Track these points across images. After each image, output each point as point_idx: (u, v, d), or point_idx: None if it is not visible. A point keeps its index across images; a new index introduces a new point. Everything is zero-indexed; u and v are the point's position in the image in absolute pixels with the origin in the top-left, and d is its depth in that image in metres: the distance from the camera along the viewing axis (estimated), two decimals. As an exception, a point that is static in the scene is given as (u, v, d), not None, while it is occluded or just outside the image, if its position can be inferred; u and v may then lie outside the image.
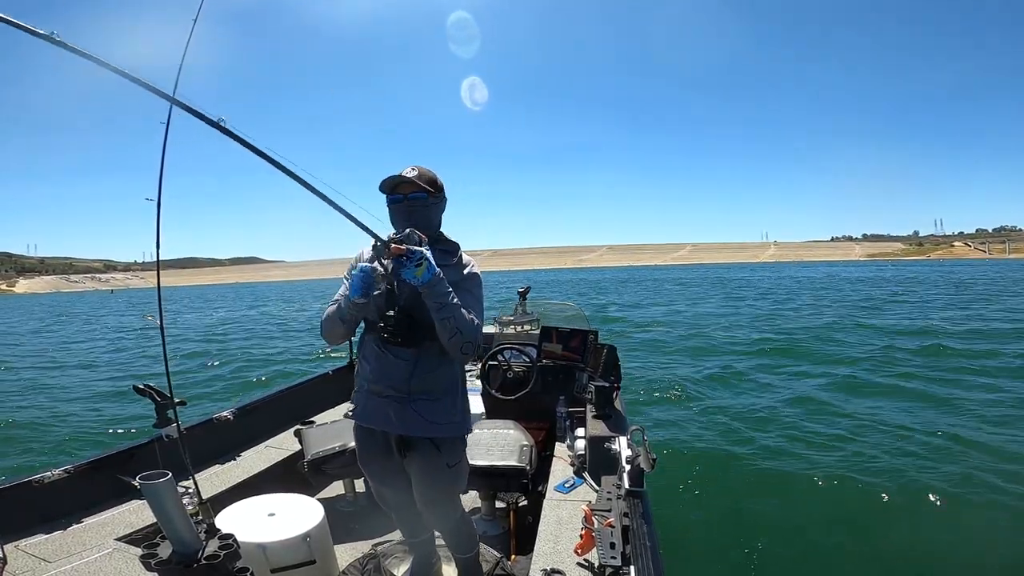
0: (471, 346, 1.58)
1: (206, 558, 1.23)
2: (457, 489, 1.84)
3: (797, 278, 43.32)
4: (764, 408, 6.46)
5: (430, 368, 1.65)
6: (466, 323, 1.55)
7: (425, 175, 1.66)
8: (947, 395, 6.72)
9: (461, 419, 1.75)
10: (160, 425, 2.48)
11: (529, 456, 2.44)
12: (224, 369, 10.78)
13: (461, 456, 1.78)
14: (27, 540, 1.94)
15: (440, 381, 1.68)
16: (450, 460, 1.72)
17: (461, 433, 1.76)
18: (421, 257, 1.45)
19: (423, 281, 1.46)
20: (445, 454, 1.70)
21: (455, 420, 1.72)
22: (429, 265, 1.46)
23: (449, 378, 1.71)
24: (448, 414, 1.69)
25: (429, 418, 1.66)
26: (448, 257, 1.68)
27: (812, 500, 4.06)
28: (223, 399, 4.62)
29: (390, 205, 1.67)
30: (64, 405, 7.96)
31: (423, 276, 1.45)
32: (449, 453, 1.72)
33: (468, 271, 1.69)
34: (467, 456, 1.83)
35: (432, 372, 1.66)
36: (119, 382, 9.28)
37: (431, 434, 1.67)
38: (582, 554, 1.78)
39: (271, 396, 3.34)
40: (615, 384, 2.91)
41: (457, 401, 1.73)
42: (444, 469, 1.71)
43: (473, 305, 1.61)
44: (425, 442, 1.68)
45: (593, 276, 70.28)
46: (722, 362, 9.39)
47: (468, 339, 1.56)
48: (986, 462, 4.50)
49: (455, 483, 1.80)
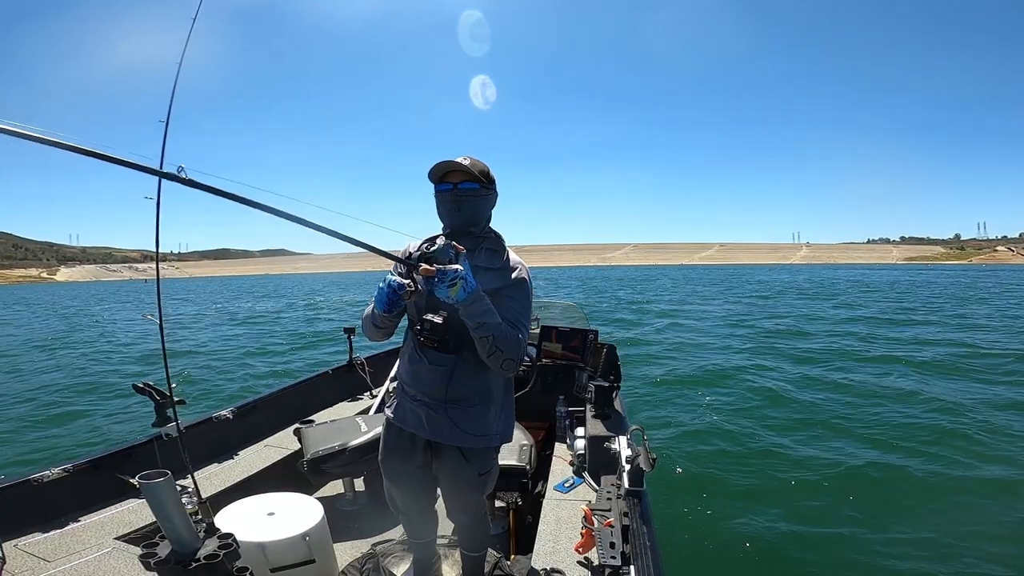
0: (512, 363, 1.45)
1: (205, 557, 1.23)
2: (485, 493, 1.77)
3: (821, 280, 42.79)
4: (765, 408, 6.46)
5: (467, 377, 1.55)
6: (507, 339, 1.42)
7: (478, 165, 1.54)
8: (956, 394, 6.73)
9: (497, 431, 1.65)
10: (159, 424, 2.48)
11: (529, 456, 2.44)
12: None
13: (492, 464, 1.71)
14: (26, 539, 1.93)
15: (477, 391, 1.58)
16: (481, 469, 1.65)
17: (493, 444, 1.66)
18: (455, 276, 1.32)
19: (459, 300, 1.35)
20: (474, 463, 1.63)
21: (488, 432, 1.62)
22: (465, 284, 1.33)
23: (487, 388, 1.60)
24: (481, 424, 1.60)
25: (461, 427, 1.57)
26: (494, 258, 1.57)
27: (812, 500, 4.06)
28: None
29: (438, 194, 1.56)
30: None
31: (457, 296, 1.33)
32: (479, 463, 1.64)
33: (516, 276, 1.55)
34: (498, 459, 1.76)
35: (469, 381, 1.56)
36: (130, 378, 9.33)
37: (460, 443, 1.59)
38: (582, 553, 1.78)
39: (270, 395, 3.33)
40: (615, 384, 2.91)
41: (492, 411, 1.63)
42: (474, 478, 1.65)
43: (518, 315, 1.49)
44: (453, 450, 1.61)
45: (618, 273, 70.12)
46: (722, 362, 9.39)
47: (509, 356, 1.43)
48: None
49: (484, 489, 1.74)
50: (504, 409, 1.68)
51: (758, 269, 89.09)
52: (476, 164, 1.55)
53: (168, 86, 2.06)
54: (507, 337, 1.43)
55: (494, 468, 1.73)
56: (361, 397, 3.73)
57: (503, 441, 1.69)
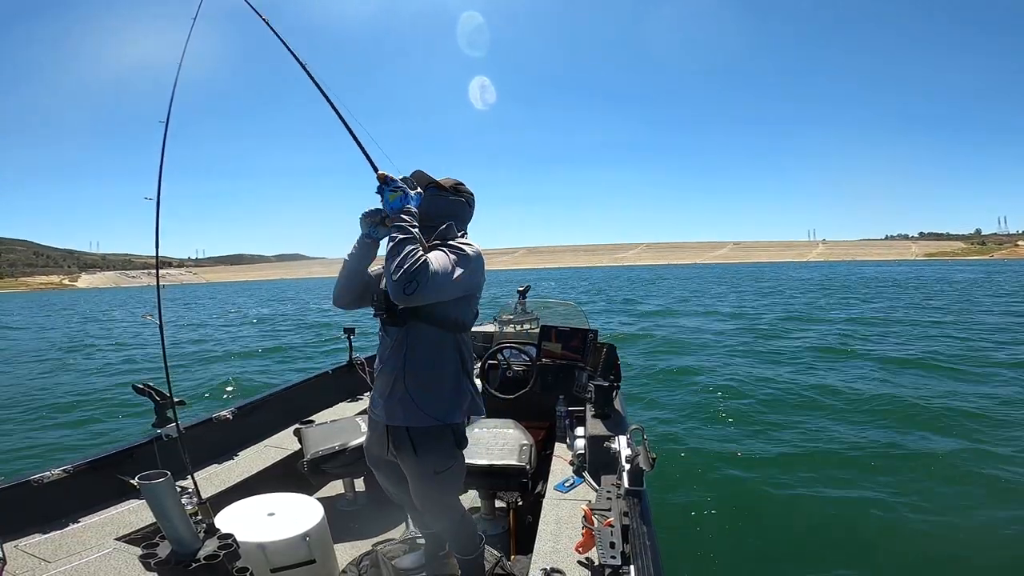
0: (405, 276, 1.46)
1: (205, 558, 1.23)
2: (450, 494, 1.81)
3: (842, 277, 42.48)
4: (765, 408, 6.46)
5: (420, 347, 1.66)
6: (415, 259, 1.48)
7: (448, 181, 1.80)
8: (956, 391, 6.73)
9: (449, 407, 1.69)
10: (159, 425, 2.48)
11: (529, 455, 2.44)
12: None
13: (450, 462, 1.72)
14: (26, 540, 1.93)
15: (429, 363, 1.67)
16: (438, 467, 1.69)
17: (443, 421, 1.68)
18: (397, 186, 1.57)
19: (393, 206, 1.56)
20: (425, 458, 1.67)
21: (438, 410, 1.67)
22: (405, 196, 1.57)
23: (439, 362, 1.68)
24: (431, 398, 1.66)
25: (415, 399, 1.65)
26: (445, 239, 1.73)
27: (812, 500, 4.06)
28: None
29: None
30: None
31: (394, 202, 1.56)
32: (433, 458, 1.68)
33: (459, 243, 1.69)
34: (463, 457, 1.79)
35: (422, 353, 1.66)
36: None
37: (410, 423, 1.65)
38: (582, 553, 1.78)
39: (270, 395, 3.33)
40: (615, 383, 2.90)
41: (446, 388, 1.69)
42: (431, 476, 1.69)
43: (441, 258, 1.58)
44: (407, 444, 1.66)
45: (632, 274, 69.76)
46: (722, 362, 9.39)
47: (411, 276, 1.46)
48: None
49: (446, 488, 1.76)
50: (456, 389, 1.72)
51: (772, 266, 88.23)
52: (448, 180, 1.80)
53: (169, 84, 2.06)
54: (416, 256, 1.49)
55: (454, 467, 1.74)
56: (361, 397, 3.73)
57: (454, 420, 1.71)
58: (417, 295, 1.48)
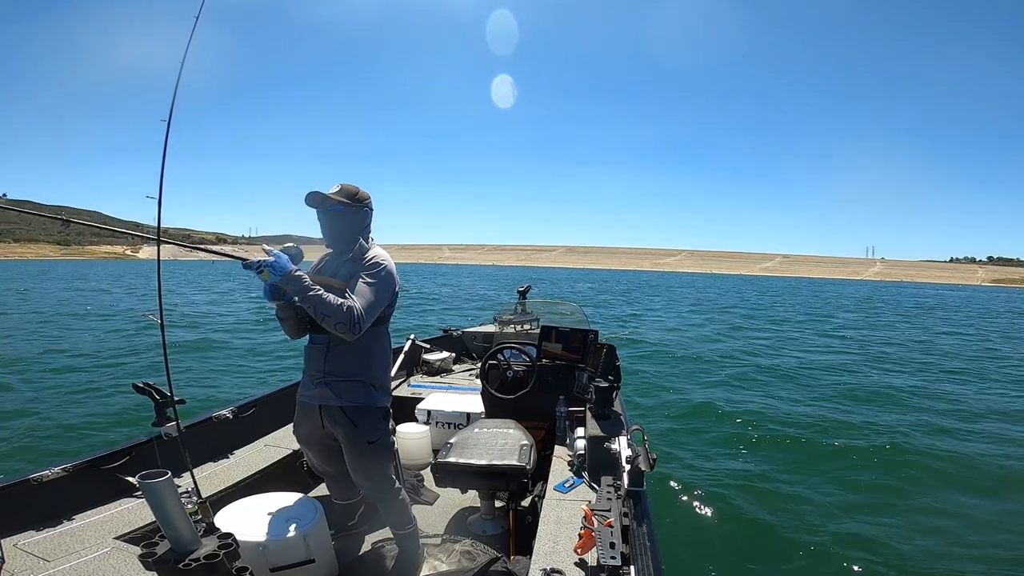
0: (343, 326, 1.72)
1: (205, 557, 1.23)
2: (383, 465, 1.98)
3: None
4: (765, 409, 6.46)
5: (341, 351, 1.87)
6: (332, 307, 1.70)
7: (346, 190, 1.91)
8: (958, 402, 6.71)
9: (376, 393, 1.92)
10: (159, 424, 2.47)
11: (529, 456, 2.44)
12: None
13: (381, 434, 1.94)
14: (25, 539, 1.93)
15: (351, 362, 1.89)
16: (370, 437, 1.91)
17: (372, 403, 1.91)
18: (260, 266, 1.67)
19: (275, 280, 1.68)
20: (363, 429, 1.89)
21: (367, 393, 1.90)
22: (272, 271, 1.67)
23: (360, 359, 1.90)
24: (358, 391, 1.89)
25: (340, 393, 1.88)
26: (357, 256, 1.90)
27: (812, 500, 4.06)
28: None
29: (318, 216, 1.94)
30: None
31: (269, 279, 1.68)
32: (367, 428, 1.90)
33: (369, 262, 1.86)
34: (391, 431, 2.03)
35: (343, 354, 1.88)
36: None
37: (342, 403, 1.88)
38: (582, 554, 1.78)
39: (270, 395, 3.32)
40: (615, 384, 2.90)
41: (371, 378, 1.92)
42: (364, 446, 1.91)
43: (361, 290, 1.79)
44: (342, 416, 1.88)
45: (669, 280, 67.20)
46: (723, 364, 9.39)
47: (338, 320, 1.71)
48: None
49: (378, 459, 1.96)
50: (380, 378, 1.96)
51: (822, 283, 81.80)
52: (345, 189, 1.91)
53: (171, 84, 2.06)
54: (330, 305, 1.70)
55: (384, 439, 1.97)
56: None
57: (380, 403, 1.94)
58: (361, 331, 1.75)
